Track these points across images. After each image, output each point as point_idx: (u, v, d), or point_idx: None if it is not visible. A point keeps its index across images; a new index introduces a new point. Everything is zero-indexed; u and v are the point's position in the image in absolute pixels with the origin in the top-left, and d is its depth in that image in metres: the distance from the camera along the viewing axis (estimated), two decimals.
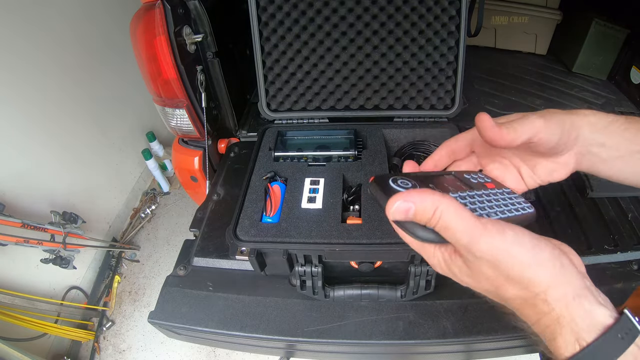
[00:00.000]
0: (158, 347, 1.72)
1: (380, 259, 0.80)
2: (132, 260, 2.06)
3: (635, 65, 1.40)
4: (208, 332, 0.77)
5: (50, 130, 1.67)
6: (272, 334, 0.76)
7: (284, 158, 0.98)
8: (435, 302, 0.78)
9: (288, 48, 1.04)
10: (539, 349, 0.36)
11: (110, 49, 1.95)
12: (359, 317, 0.77)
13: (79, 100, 1.81)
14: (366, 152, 0.98)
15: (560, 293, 0.32)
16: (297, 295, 0.81)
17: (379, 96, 1.09)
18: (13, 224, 1.38)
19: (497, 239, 0.32)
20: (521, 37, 1.69)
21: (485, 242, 0.32)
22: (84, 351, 1.74)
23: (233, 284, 0.84)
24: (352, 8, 0.99)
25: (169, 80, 0.97)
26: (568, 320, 0.31)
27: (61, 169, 1.75)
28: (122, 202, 2.18)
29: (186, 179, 1.20)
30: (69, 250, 1.59)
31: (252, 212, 0.84)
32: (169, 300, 0.81)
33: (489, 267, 0.33)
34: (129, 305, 1.89)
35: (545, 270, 0.32)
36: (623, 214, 0.97)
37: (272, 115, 1.11)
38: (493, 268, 0.33)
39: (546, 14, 1.60)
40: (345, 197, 0.88)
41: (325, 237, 0.78)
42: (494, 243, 0.32)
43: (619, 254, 0.87)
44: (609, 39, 1.46)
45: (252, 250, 0.76)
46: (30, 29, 1.51)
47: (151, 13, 0.90)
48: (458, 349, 0.84)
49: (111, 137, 2.07)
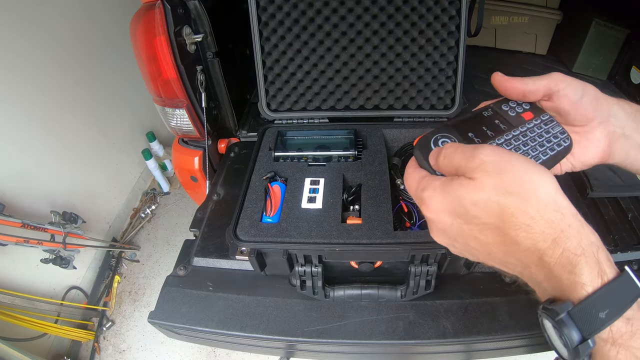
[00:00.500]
0: (158, 347, 1.72)
1: (380, 259, 0.80)
2: (132, 260, 2.06)
3: (635, 65, 1.40)
4: (208, 332, 0.77)
5: (50, 130, 1.67)
6: (272, 334, 0.76)
7: (284, 158, 0.98)
8: (435, 302, 0.78)
9: (288, 48, 1.04)
10: (538, 307, 0.32)
11: (110, 48, 1.95)
12: (359, 317, 0.77)
13: (79, 100, 1.81)
14: (366, 152, 0.98)
15: (573, 210, 0.29)
16: (297, 295, 0.81)
17: (379, 96, 1.09)
18: (13, 224, 1.38)
19: (499, 149, 0.33)
20: (521, 37, 1.69)
21: (487, 148, 0.32)
22: (84, 351, 1.74)
23: (233, 284, 0.84)
24: (352, 8, 0.99)
25: (169, 80, 0.97)
26: (588, 243, 0.28)
27: (61, 169, 1.75)
28: (122, 202, 2.18)
29: (186, 179, 1.20)
30: (69, 250, 1.59)
31: (252, 212, 0.84)
32: (169, 300, 0.81)
33: (494, 174, 0.31)
34: (129, 305, 1.89)
35: (554, 182, 0.30)
36: (623, 214, 0.97)
37: (272, 115, 1.11)
38: (498, 173, 0.31)
39: (546, 14, 1.60)
40: (345, 197, 0.88)
41: (325, 237, 0.78)
42: (497, 150, 0.32)
43: (618, 254, 0.87)
44: (609, 39, 1.46)
45: (252, 250, 0.76)
46: (30, 28, 1.52)
47: (151, 13, 0.90)
48: (458, 349, 0.84)
49: (111, 137, 2.07)
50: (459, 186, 0.33)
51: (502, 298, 0.78)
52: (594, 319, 0.27)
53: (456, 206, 0.33)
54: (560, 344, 0.29)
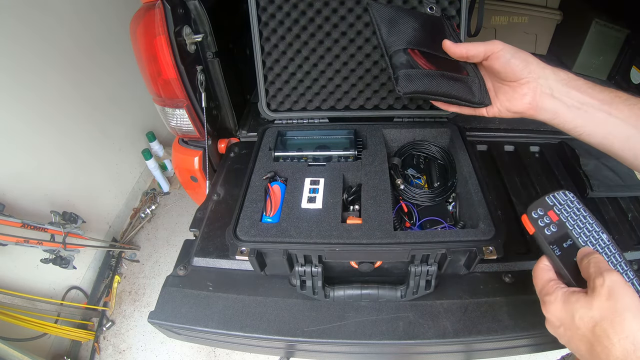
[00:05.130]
0: (158, 347, 1.72)
1: (380, 259, 0.80)
2: (132, 260, 2.06)
3: (635, 65, 1.40)
4: (208, 332, 0.77)
5: (50, 130, 1.67)
6: (272, 334, 0.76)
7: (284, 158, 0.98)
8: (435, 302, 0.78)
9: (288, 48, 1.04)
10: None
11: (110, 48, 1.95)
12: (359, 317, 0.77)
13: (79, 100, 1.81)
14: (366, 152, 0.98)
15: None
16: (297, 295, 0.81)
17: (379, 96, 1.09)
18: (13, 224, 1.38)
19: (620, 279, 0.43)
20: (521, 37, 1.69)
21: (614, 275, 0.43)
22: (84, 351, 1.74)
23: (233, 284, 0.84)
24: (352, 8, 0.99)
25: (169, 80, 0.97)
26: None
27: (61, 168, 1.75)
28: (122, 202, 2.18)
29: (186, 179, 1.20)
30: (69, 250, 1.59)
31: (252, 212, 0.84)
32: (169, 300, 0.81)
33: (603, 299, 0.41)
34: (129, 305, 1.89)
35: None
36: (623, 214, 0.97)
37: (272, 115, 1.11)
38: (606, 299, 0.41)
39: (546, 14, 1.60)
40: (345, 197, 0.88)
41: (325, 237, 0.78)
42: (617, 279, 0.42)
43: None
44: (609, 39, 1.46)
45: (252, 250, 0.76)
46: (30, 28, 1.52)
47: (151, 13, 0.90)
48: (458, 349, 0.84)
49: (111, 137, 2.07)
50: (575, 301, 0.43)
51: (502, 298, 0.78)
52: None
53: (567, 317, 0.44)
54: None
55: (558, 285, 0.47)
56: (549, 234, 0.51)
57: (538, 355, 1.47)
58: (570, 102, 0.52)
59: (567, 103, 0.52)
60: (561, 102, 0.52)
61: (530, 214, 0.53)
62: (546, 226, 0.52)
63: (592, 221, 0.52)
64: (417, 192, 0.91)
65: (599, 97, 0.51)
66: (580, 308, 0.43)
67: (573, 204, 0.52)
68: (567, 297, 0.45)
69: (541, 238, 0.52)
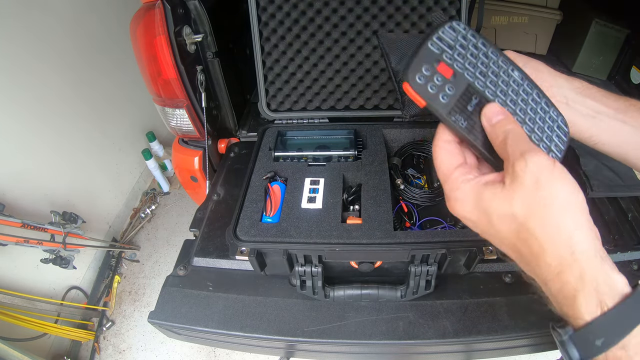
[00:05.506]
0: (158, 347, 1.72)
1: (380, 259, 0.80)
2: (132, 260, 2.06)
3: (635, 65, 1.40)
4: (208, 332, 0.77)
5: (50, 130, 1.67)
6: (272, 334, 0.76)
7: (284, 158, 0.98)
8: (435, 302, 0.78)
9: (288, 48, 1.04)
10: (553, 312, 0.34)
11: (110, 48, 1.95)
12: (359, 317, 0.77)
13: (79, 100, 1.81)
14: (366, 152, 0.98)
15: (585, 245, 0.31)
16: (297, 295, 0.81)
17: (378, 96, 1.09)
18: (13, 224, 1.38)
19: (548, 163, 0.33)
20: (521, 37, 1.69)
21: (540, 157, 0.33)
22: (84, 351, 1.74)
23: (233, 284, 0.84)
24: (352, 8, 0.99)
25: (169, 80, 0.97)
26: (590, 278, 0.30)
27: (61, 168, 1.75)
28: (122, 202, 2.18)
29: (186, 179, 1.20)
30: (69, 250, 1.59)
31: (252, 212, 0.84)
32: (169, 300, 0.81)
33: (527, 190, 0.32)
34: (129, 305, 1.89)
35: (580, 215, 0.32)
36: (623, 214, 0.97)
37: (272, 115, 1.11)
38: (532, 191, 0.32)
39: (546, 14, 1.60)
40: (345, 197, 0.88)
41: (325, 237, 0.78)
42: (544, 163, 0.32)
43: (618, 254, 0.87)
44: (609, 39, 1.46)
45: (252, 250, 0.76)
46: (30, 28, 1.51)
47: (151, 13, 0.90)
48: (458, 349, 0.84)
49: (111, 137, 2.07)
50: (491, 197, 0.34)
51: (502, 298, 0.78)
52: (590, 346, 0.30)
53: (483, 218, 0.35)
54: (566, 357, 0.32)
55: (465, 177, 0.36)
56: (445, 101, 0.35)
57: (538, 355, 1.47)
58: (585, 111, 0.49)
59: (582, 112, 0.49)
60: (576, 111, 0.49)
61: (414, 80, 0.35)
62: (440, 90, 0.35)
63: (497, 56, 0.38)
64: (417, 192, 0.91)
65: (614, 106, 0.49)
66: (498, 206, 0.33)
67: (467, 39, 0.37)
68: (478, 193, 0.35)
69: (437, 111, 0.35)
